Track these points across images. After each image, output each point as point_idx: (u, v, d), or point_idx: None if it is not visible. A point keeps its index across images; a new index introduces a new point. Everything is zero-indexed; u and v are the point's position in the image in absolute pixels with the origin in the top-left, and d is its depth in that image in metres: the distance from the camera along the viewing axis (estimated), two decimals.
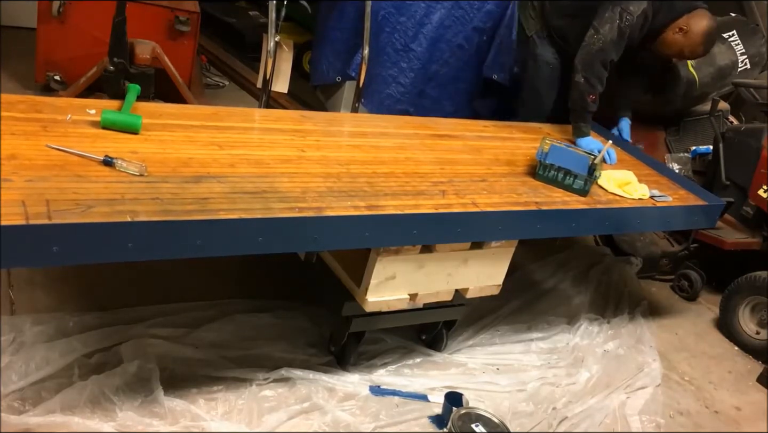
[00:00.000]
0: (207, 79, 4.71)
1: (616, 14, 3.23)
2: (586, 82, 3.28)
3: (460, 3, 4.06)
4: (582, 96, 3.30)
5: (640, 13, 3.22)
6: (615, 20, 3.22)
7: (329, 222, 2.11)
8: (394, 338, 2.84)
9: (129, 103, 2.41)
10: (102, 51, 3.26)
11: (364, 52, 3.58)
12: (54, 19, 3.68)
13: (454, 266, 2.55)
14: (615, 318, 3.47)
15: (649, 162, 3.47)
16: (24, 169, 1.91)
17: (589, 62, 3.27)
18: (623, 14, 3.21)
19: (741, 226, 3.79)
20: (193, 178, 2.10)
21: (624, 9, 3.22)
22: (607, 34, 3.23)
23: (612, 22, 3.23)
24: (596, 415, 2.75)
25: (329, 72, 4.05)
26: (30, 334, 2.33)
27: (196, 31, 4.02)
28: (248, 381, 2.42)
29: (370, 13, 3.60)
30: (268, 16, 3.24)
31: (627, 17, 3.21)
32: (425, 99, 4.24)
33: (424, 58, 4.09)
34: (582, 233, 2.99)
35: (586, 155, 2.98)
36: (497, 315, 3.22)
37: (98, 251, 1.77)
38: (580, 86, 3.30)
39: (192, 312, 2.66)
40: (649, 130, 4.12)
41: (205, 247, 1.90)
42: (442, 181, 2.58)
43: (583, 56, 3.29)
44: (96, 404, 2.16)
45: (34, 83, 3.84)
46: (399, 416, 2.49)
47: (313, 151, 2.53)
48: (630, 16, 3.21)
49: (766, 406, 3.17)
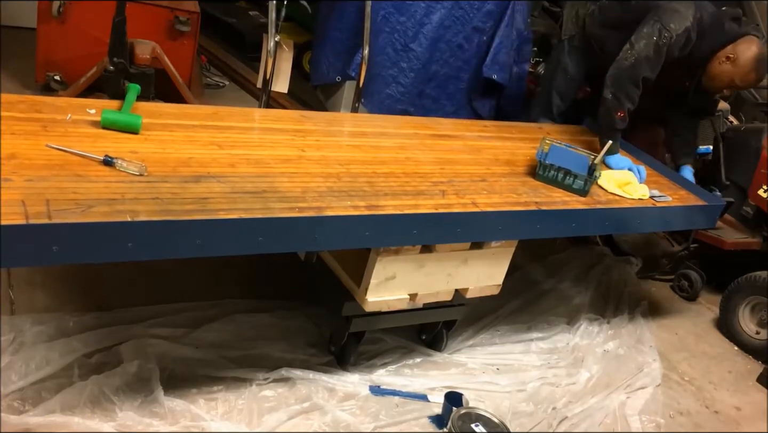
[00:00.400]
0: (207, 79, 4.71)
1: (654, 30, 3.07)
2: (614, 99, 3.12)
3: (460, 3, 4.07)
4: (609, 112, 3.15)
5: (681, 31, 3.06)
6: (653, 36, 3.06)
7: (329, 222, 2.11)
8: (394, 338, 2.84)
9: (129, 103, 2.41)
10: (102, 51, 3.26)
11: (364, 52, 3.58)
12: (54, 19, 3.68)
13: (454, 266, 2.55)
14: (615, 318, 3.47)
15: (648, 162, 3.47)
16: (24, 168, 1.90)
17: (618, 78, 3.12)
18: (662, 31, 3.05)
19: (741, 226, 3.79)
20: (193, 177, 2.09)
21: (664, 26, 3.06)
22: (642, 50, 3.07)
23: (649, 38, 3.07)
24: (596, 415, 2.76)
25: (329, 72, 4.05)
26: (30, 334, 2.33)
27: (196, 31, 4.02)
28: (248, 381, 2.42)
29: (370, 13, 3.60)
30: (268, 16, 3.24)
31: (665, 34, 3.05)
32: (425, 99, 4.24)
33: (424, 58, 4.09)
34: (582, 232, 2.98)
35: (586, 155, 2.98)
36: (497, 315, 3.22)
37: (98, 250, 1.77)
38: (607, 102, 3.15)
39: (192, 312, 2.66)
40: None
41: (205, 247, 1.90)
42: (442, 181, 2.58)
43: (613, 72, 3.15)
44: (96, 404, 2.16)
45: (34, 83, 3.84)
46: (399, 416, 2.49)
47: (313, 151, 2.53)
48: (668, 33, 3.05)
49: (766, 406, 3.17)
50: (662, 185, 3.22)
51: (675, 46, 3.10)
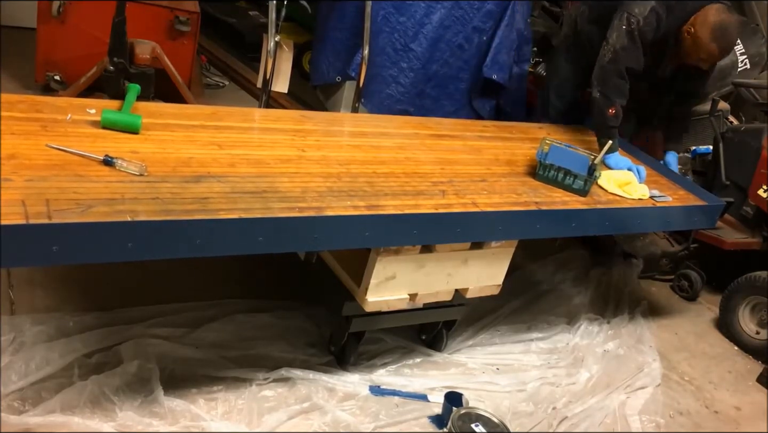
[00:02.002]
0: (207, 79, 4.71)
1: (623, 20, 3.11)
2: (602, 96, 3.14)
3: (460, 3, 4.07)
4: (600, 111, 3.16)
5: (647, 13, 3.09)
6: (622, 26, 3.11)
7: (329, 222, 2.11)
8: (394, 338, 2.84)
9: (129, 103, 2.41)
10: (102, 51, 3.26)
11: (364, 52, 3.58)
12: (54, 19, 3.68)
13: (454, 266, 2.55)
14: (615, 318, 3.47)
15: (648, 162, 3.47)
16: (24, 168, 1.90)
17: (601, 75, 3.16)
18: (629, 18, 3.10)
19: (741, 226, 3.79)
20: (193, 177, 2.09)
21: (629, 13, 3.11)
22: (616, 42, 3.11)
23: (619, 29, 3.11)
24: (596, 415, 2.76)
25: (329, 72, 4.05)
26: (30, 334, 2.33)
27: (196, 31, 4.02)
28: (248, 381, 2.42)
29: (370, 13, 3.60)
30: (268, 16, 3.24)
31: (632, 20, 3.09)
32: (425, 99, 4.24)
33: (424, 58, 4.09)
34: (582, 233, 2.98)
35: (586, 155, 2.98)
36: (497, 315, 3.22)
37: (98, 250, 1.77)
38: (597, 102, 3.16)
39: (192, 312, 2.66)
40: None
41: (205, 247, 1.90)
42: (442, 181, 2.58)
43: (596, 71, 3.18)
44: (96, 404, 2.16)
45: (34, 83, 3.85)
46: (399, 416, 2.49)
47: (313, 151, 2.53)
48: (635, 18, 3.08)
49: (766, 406, 3.17)
50: (662, 185, 3.22)
51: (646, 29, 3.12)
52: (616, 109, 3.15)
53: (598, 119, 3.22)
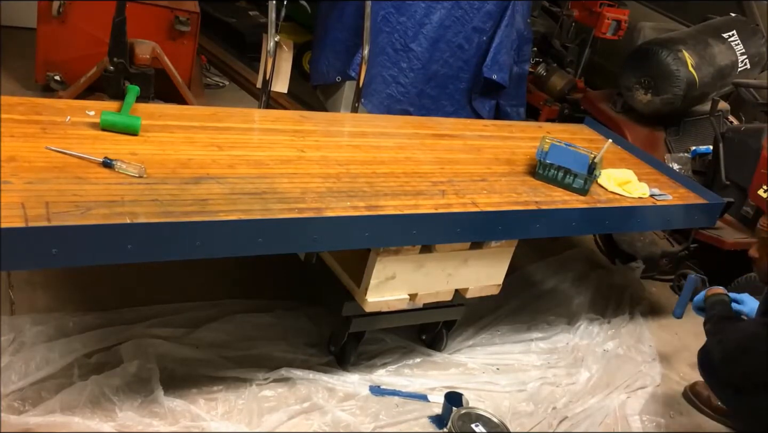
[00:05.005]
0: (207, 79, 4.71)
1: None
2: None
3: (460, 3, 4.07)
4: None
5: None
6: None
7: (329, 222, 2.11)
8: (394, 338, 2.84)
9: (128, 105, 2.41)
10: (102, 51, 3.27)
11: (364, 52, 3.58)
12: (54, 19, 3.68)
13: (454, 266, 2.55)
14: (615, 318, 3.46)
15: (649, 161, 3.47)
16: (23, 171, 1.91)
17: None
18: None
19: (741, 226, 3.78)
20: (193, 179, 2.10)
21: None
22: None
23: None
24: (596, 415, 2.75)
25: (329, 72, 4.06)
26: (30, 334, 2.33)
27: (196, 31, 4.02)
28: (248, 381, 2.42)
29: (370, 13, 3.60)
30: (268, 16, 3.24)
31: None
32: (425, 99, 4.24)
33: (424, 58, 4.09)
34: (582, 232, 2.98)
35: (586, 154, 2.97)
36: (497, 315, 3.21)
37: (98, 252, 1.77)
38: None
39: (192, 312, 2.66)
40: (649, 130, 4.12)
41: (205, 248, 1.91)
42: (441, 181, 2.58)
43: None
44: (96, 404, 2.16)
45: (34, 83, 3.85)
46: (399, 416, 2.49)
47: (312, 152, 2.53)
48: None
49: None
50: (662, 184, 3.22)
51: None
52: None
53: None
